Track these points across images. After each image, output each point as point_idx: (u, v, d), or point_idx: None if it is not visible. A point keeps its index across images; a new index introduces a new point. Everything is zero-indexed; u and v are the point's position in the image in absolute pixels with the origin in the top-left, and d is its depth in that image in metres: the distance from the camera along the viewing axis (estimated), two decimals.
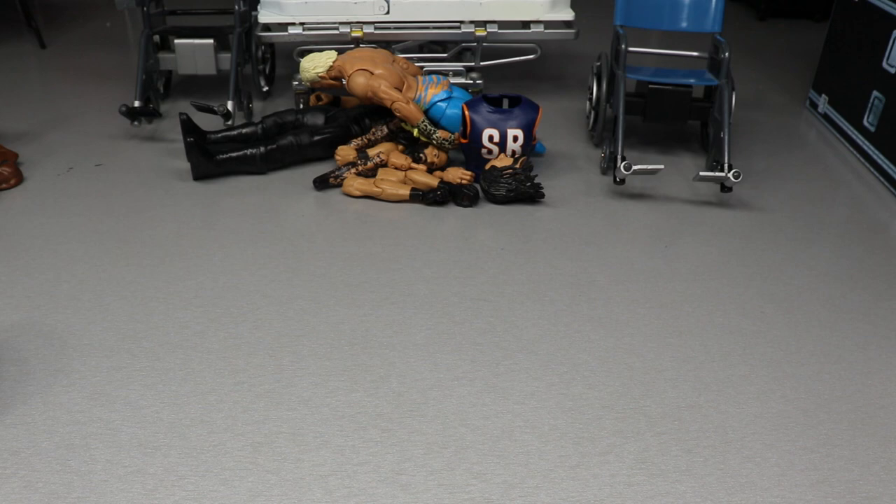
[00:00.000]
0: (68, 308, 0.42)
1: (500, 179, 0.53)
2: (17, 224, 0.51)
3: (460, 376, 0.36)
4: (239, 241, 0.49)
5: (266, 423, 0.33)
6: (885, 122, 0.58)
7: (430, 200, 0.53)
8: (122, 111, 0.62)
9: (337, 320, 0.41)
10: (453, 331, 0.40)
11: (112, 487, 0.30)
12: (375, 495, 0.29)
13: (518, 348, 0.39)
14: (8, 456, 0.31)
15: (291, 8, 0.66)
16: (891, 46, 0.58)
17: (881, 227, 0.52)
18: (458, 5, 0.66)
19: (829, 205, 0.55)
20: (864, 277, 0.45)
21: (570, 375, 0.37)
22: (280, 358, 0.38)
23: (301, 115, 0.61)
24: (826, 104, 0.70)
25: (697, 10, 0.64)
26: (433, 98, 0.58)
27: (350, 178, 0.55)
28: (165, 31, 0.71)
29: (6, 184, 0.56)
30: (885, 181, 0.58)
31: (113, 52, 0.91)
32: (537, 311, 0.42)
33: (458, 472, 0.31)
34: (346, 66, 0.58)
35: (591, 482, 0.30)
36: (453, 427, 0.33)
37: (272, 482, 0.30)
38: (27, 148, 0.62)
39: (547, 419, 0.34)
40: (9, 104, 0.73)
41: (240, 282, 0.44)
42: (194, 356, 0.38)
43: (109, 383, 0.36)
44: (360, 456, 0.31)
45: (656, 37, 0.95)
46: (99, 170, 0.59)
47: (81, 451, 0.32)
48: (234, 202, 0.54)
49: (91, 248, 0.48)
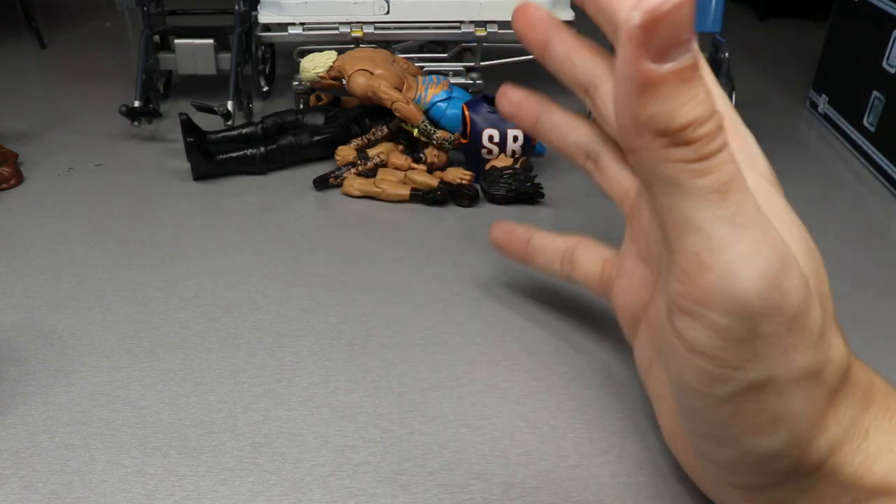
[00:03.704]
0: (68, 308, 0.41)
1: (500, 179, 0.52)
2: (17, 224, 0.51)
3: (460, 376, 0.36)
4: (239, 241, 0.49)
5: (266, 423, 0.33)
6: (885, 122, 0.58)
7: (430, 200, 0.53)
8: (122, 111, 0.62)
9: (337, 320, 0.41)
10: (453, 331, 0.40)
11: (112, 487, 0.30)
12: (375, 495, 0.29)
13: (518, 348, 0.38)
14: (8, 456, 0.31)
15: (291, 8, 0.65)
16: (891, 46, 0.58)
17: (881, 227, 0.52)
18: (458, 5, 0.65)
19: (829, 205, 0.55)
20: (864, 277, 0.45)
21: (571, 375, 0.37)
22: (280, 358, 0.38)
23: (301, 115, 0.61)
24: (826, 104, 0.69)
25: (697, 10, 0.64)
26: (433, 98, 0.58)
27: (350, 178, 0.55)
28: (165, 31, 0.71)
29: (6, 184, 0.55)
30: (885, 181, 0.58)
31: (113, 52, 0.91)
32: (538, 310, 0.42)
33: (458, 472, 0.31)
34: (346, 66, 0.58)
35: (591, 482, 0.30)
36: (453, 427, 0.33)
37: (272, 482, 0.30)
38: (27, 148, 0.62)
39: (547, 419, 0.34)
40: (9, 104, 0.73)
41: (240, 282, 0.44)
42: (194, 356, 0.38)
43: (109, 383, 0.36)
44: (360, 456, 0.31)
45: None
46: (99, 170, 0.59)
47: (81, 451, 0.32)
48: (234, 202, 0.54)
49: (91, 248, 0.47)
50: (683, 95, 0.17)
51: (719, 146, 0.17)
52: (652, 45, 0.16)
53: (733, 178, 0.18)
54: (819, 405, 0.19)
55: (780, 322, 0.18)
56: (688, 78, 0.17)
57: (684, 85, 0.17)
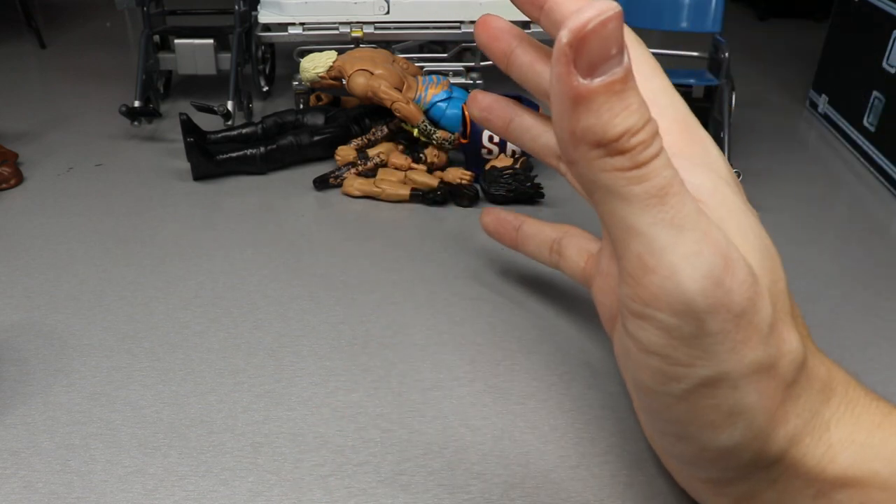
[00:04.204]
0: (68, 308, 0.41)
1: (500, 179, 0.53)
2: (17, 224, 0.51)
3: (460, 376, 0.36)
4: (239, 241, 0.48)
5: (266, 423, 0.33)
6: (885, 122, 0.58)
7: (430, 200, 0.53)
8: (122, 111, 0.62)
9: (337, 320, 0.41)
10: (453, 331, 0.40)
11: (112, 487, 0.30)
12: (375, 495, 0.29)
13: (518, 348, 0.38)
14: (8, 456, 0.31)
15: (291, 8, 0.65)
16: (891, 46, 0.58)
17: (881, 227, 0.52)
18: (458, 5, 0.65)
19: (829, 205, 0.55)
20: (864, 277, 0.45)
21: (571, 375, 0.36)
22: (280, 358, 0.38)
23: (301, 115, 0.61)
24: (826, 104, 0.69)
25: (697, 10, 0.64)
26: (433, 98, 0.58)
27: (350, 178, 0.55)
28: (165, 31, 0.71)
29: (6, 184, 0.55)
30: (885, 181, 0.58)
31: (113, 52, 0.91)
32: (538, 310, 0.42)
33: (458, 472, 0.31)
34: (346, 66, 0.58)
35: (591, 482, 0.30)
36: (453, 427, 0.33)
37: (272, 482, 0.30)
38: (27, 148, 0.62)
39: (547, 419, 0.34)
40: (9, 104, 0.73)
41: (240, 282, 0.44)
42: (194, 356, 0.38)
43: (109, 383, 0.36)
44: (360, 456, 0.31)
45: (656, 37, 0.95)
46: (99, 170, 0.59)
47: (81, 451, 0.32)
48: (235, 202, 0.54)
49: (91, 248, 0.47)
50: (616, 107, 0.17)
51: (654, 153, 0.18)
52: (580, 62, 0.17)
53: (670, 182, 0.18)
54: (775, 398, 0.20)
55: (726, 319, 0.18)
56: (618, 90, 0.17)
57: (616, 97, 0.17)
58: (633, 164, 0.18)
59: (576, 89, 0.17)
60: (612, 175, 0.18)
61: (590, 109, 0.17)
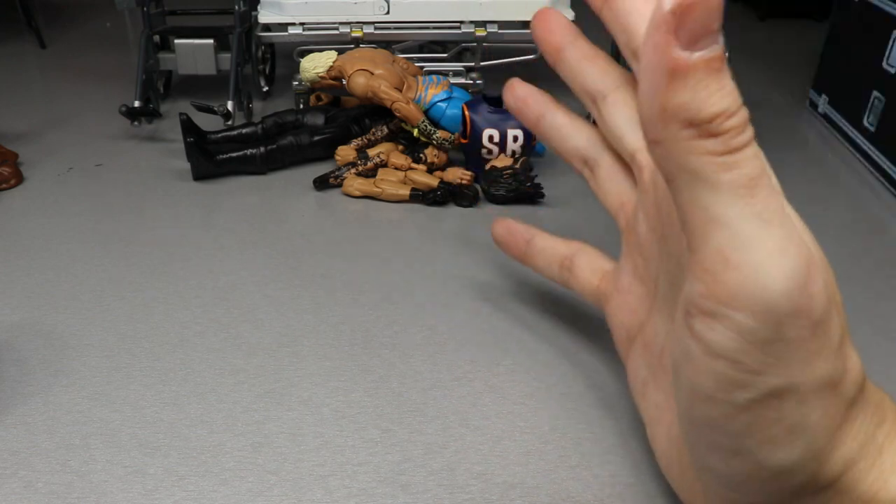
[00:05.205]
0: (68, 308, 0.41)
1: (500, 179, 0.52)
2: (17, 224, 0.51)
3: (460, 376, 0.36)
4: (239, 241, 0.48)
5: (266, 423, 0.33)
6: (885, 122, 0.58)
7: (430, 200, 0.53)
8: (122, 111, 0.62)
9: (337, 320, 0.41)
10: (453, 331, 0.40)
11: (112, 487, 0.30)
12: (375, 495, 0.29)
13: (518, 348, 0.38)
14: (8, 456, 0.31)
15: (291, 8, 0.65)
16: (891, 46, 0.58)
17: (881, 227, 0.52)
18: (458, 5, 0.65)
19: (829, 205, 0.55)
20: (864, 277, 0.45)
21: (571, 375, 0.36)
22: (280, 358, 0.38)
23: (301, 115, 0.61)
24: (826, 104, 0.69)
25: None
26: (433, 98, 0.58)
27: (350, 178, 0.55)
28: (165, 31, 0.71)
29: (6, 184, 0.55)
30: (885, 181, 0.57)
31: (113, 52, 0.91)
32: (538, 310, 0.42)
33: (458, 472, 0.31)
34: (346, 66, 0.58)
35: (591, 482, 0.30)
36: (453, 427, 0.33)
37: (272, 482, 0.30)
38: (27, 148, 0.62)
39: (547, 419, 0.34)
40: (9, 104, 0.73)
41: (240, 282, 0.44)
42: (194, 356, 0.38)
43: (109, 383, 0.36)
44: (360, 456, 0.31)
45: None
46: (99, 170, 0.59)
47: (81, 451, 0.32)
48: (235, 202, 0.54)
49: (91, 248, 0.47)
50: (712, 85, 0.16)
51: (747, 140, 0.17)
52: (682, 33, 0.16)
53: (760, 174, 0.17)
54: (837, 417, 0.19)
55: (805, 325, 0.17)
56: (717, 68, 0.16)
57: (713, 75, 0.16)
58: (726, 148, 0.17)
59: (675, 61, 0.16)
60: (701, 159, 0.17)
61: (686, 85, 0.16)
